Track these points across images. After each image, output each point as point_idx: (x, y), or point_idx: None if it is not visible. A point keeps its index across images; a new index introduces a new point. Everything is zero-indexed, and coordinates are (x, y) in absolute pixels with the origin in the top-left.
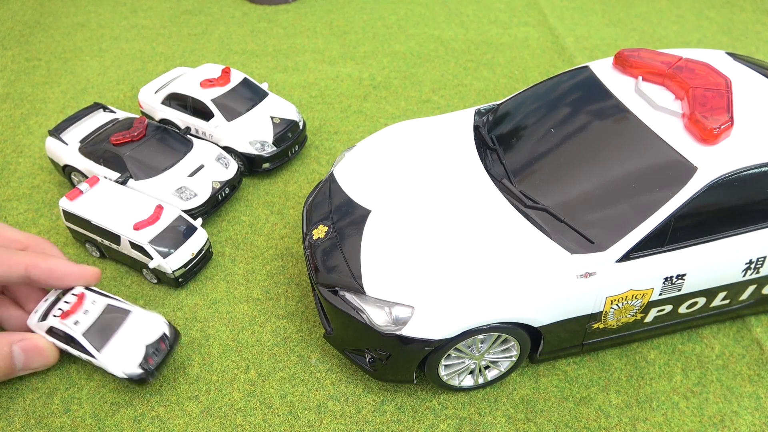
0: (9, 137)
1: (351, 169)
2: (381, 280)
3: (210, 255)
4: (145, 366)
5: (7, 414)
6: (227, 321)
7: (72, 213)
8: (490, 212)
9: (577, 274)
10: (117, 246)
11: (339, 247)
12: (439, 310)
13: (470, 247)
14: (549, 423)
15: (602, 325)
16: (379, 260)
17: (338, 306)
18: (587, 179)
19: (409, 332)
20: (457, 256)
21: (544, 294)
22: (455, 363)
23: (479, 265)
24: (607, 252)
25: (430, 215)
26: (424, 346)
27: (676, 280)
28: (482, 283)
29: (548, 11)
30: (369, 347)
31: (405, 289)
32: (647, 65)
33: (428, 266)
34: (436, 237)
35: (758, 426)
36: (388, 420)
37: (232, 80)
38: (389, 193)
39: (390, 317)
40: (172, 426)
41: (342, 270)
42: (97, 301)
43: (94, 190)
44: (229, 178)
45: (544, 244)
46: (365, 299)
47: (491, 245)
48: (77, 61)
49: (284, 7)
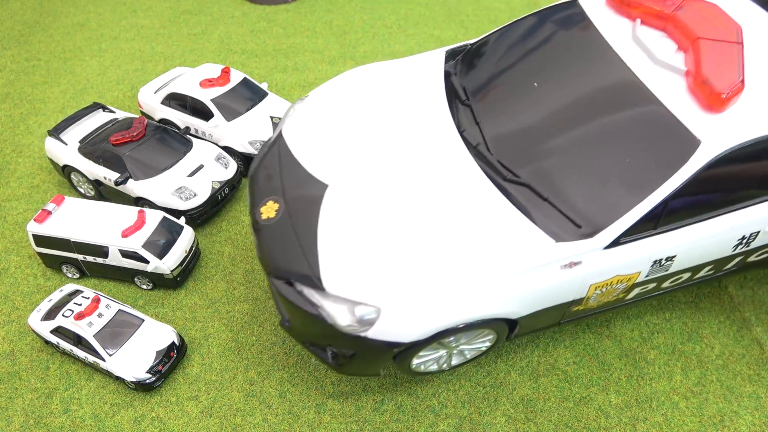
0: (8, 137)
1: (303, 128)
2: (342, 273)
3: (199, 252)
4: (154, 372)
5: (6, 414)
6: (227, 321)
7: (44, 236)
8: (465, 189)
9: (561, 264)
10: (104, 259)
11: (293, 230)
12: (409, 310)
13: (443, 234)
14: (549, 423)
15: (583, 308)
16: (339, 248)
17: (295, 302)
18: (575, 150)
19: (375, 335)
20: (429, 246)
21: (524, 288)
22: (428, 354)
23: (453, 257)
24: (595, 239)
25: (396, 192)
26: (392, 348)
27: (665, 262)
28: (457, 278)
29: None
30: (330, 345)
31: (370, 285)
32: (646, 5)
33: (395, 258)
34: (404, 220)
35: (758, 426)
36: (388, 419)
37: (232, 80)
38: (347, 161)
39: (353, 317)
40: (172, 426)
41: (297, 259)
42: (110, 306)
43: (63, 209)
44: (229, 178)
45: (527, 230)
46: (325, 296)
47: (467, 232)
48: (77, 61)
49: (284, 7)
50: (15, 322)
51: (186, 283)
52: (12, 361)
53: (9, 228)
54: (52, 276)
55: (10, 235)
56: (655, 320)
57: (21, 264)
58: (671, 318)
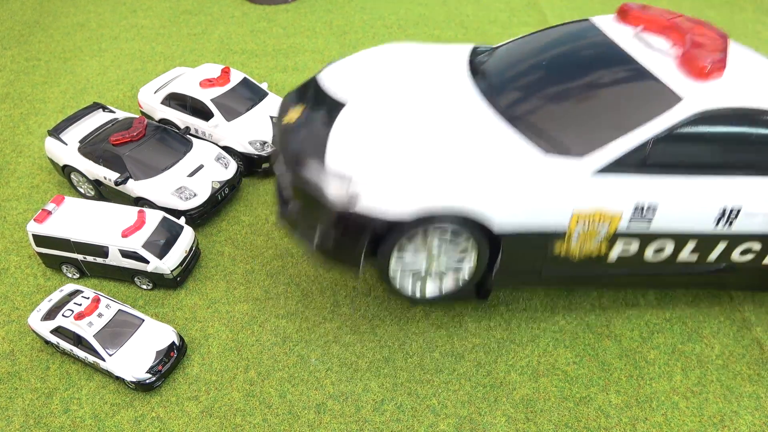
0: (8, 137)
1: (333, 72)
2: (344, 157)
3: (199, 252)
4: (154, 372)
5: (6, 414)
6: (227, 321)
7: (44, 236)
8: (468, 112)
9: (547, 177)
10: (104, 259)
11: (311, 128)
12: (399, 187)
13: (440, 136)
14: (549, 423)
15: (564, 251)
16: (346, 141)
17: (298, 179)
18: (572, 95)
19: (364, 207)
20: (427, 141)
21: (510, 189)
22: (408, 261)
23: (447, 150)
24: (583, 160)
25: (404, 110)
26: (377, 224)
27: (647, 212)
28: (448, 165)
29: (548, 11)
30: (322, 223)
31: (366, 166)
32: (649, 18)
33: (393, 149)
34: (408, 126)
35: (758, 426)
36: (388, 419)
37: (232, 80)
38: (368, 91)
39: (347, 191)
40: (172, 426)
41: (309, 147)
42: (110, 306)
43: (63, 209)
44: (229, 178)
45: (518, 142)
46: (325, 173)
47: (462, 136)
48: (77, 61)
49: (284, 7)
50: (15, 322)
51: (186, 283)
52: (12, 361)
53: (9, 228)
54: (52, 276)
55: (10, 235)
56: (655, 320)
57: (21, 264)
58: (671, 318)
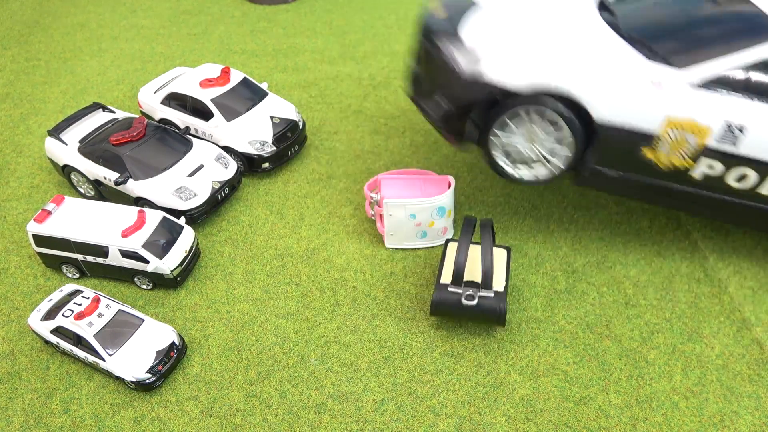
0: (8, 137)
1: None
2: (473, 34)
3: (199, 252)
4: (154, 372)
5: (6, 414)
6: (227, 321)
7: (44, 236)
8: (585, 21)
9: (648, 80)
10: (104, 260)
11: (448, 11)
12: (520, 63)
13: (560, 34)
14: (549, 423)
15: (653, 156)
16: (477, 25)
17: (429, 48)
18: (682, 16)
19: (487, 77)
20: (548, 35)
21: (615, 85)
22: (508, 142)
23: (565, 45)
24: (683, 70)
25: (532, 12)
26: (495, 91)
27: (735, 131)
28: (564, 55)
29: None
30: (443, 88)
31: (494, 43)
32: None
33: (519, 35)
34: (533, 23)
35: (758, 426)
36: (388, 420)
37: (232, 80)
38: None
39: (475, 61)
40: (172, 426)
41: (445, 23)
42: (110, 306)
43: (63, 209)
44: (229, 178)
45: (625, 48)
46: (457, 44)
47: (578, 38)
48: (77, 61)
49: (284, 7)
50: (15, 322)
51: (186, 283)
52: (12, 361)
53: (9, 228)
54: (52, 276)
55: (10, 235)
56: (655, 320)
57: (21, 264)
58: (671, 318)
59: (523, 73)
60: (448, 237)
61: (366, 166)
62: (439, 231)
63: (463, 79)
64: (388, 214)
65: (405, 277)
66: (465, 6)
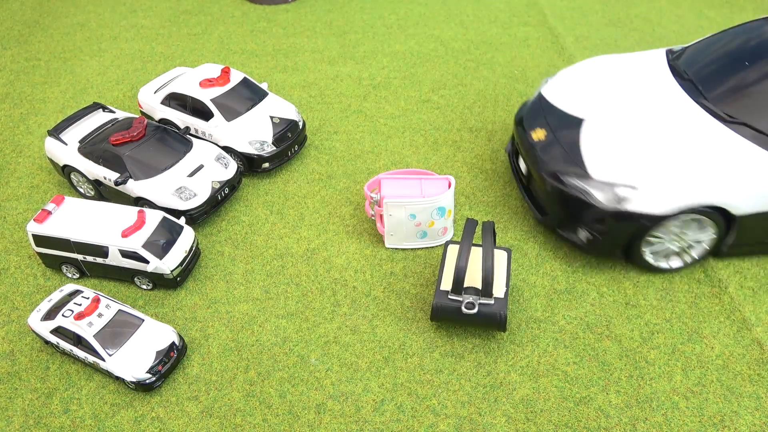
0: (8, 137)
1: (557, 91)
2: (603, 166)
3: (199, 252)
4: (154, 372)
5: (6, 414)
6: (227, 321)
7: (44, 236)
8: (695, 123)
9: None
10: (104, 260)
11: (560, 144)
12: (659, 190)
13: (683, 143)
14: (549, 423)
15: None
16: (599, 153)
17: (562, 188)
18: None
19: (631, 208)
20: (673, 148)
21: (748, 184)
22: (657, 244)
23: (695, 155)
24: None
25: (640, 123)
26: (641, 221)
27: None
28: (695, 168)
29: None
30: (586, 225)
31: (627, 172)
32: None
33: (646, 156)
34: (650, 138)
35: (758, 426)
36: (388, 420)
37: (232, 80)
38: (598, 106)
39: (613, 196)
40: (172, 426)
41: (565, 160)
42: (110, 306)
43: (63, 209)
44: (229, 178)
45: (749, 146)
46: (589, 181)
47: (702, 142)
48: (77, 61)
49: (284, 7)
50: (15, 322)
51: (186, 283)
52: (12, 361)
53: (9, 228)
54: (52, 276)
55: (10, 235)
56: (655, 320)
57: (21, 264)
58: (671, 318)
59: (671, 201)
60: (449, 237)
61: (366, 166)
62: (439, 231)
63: (610, 214)
64: (388, 214)
65: (405, 277)
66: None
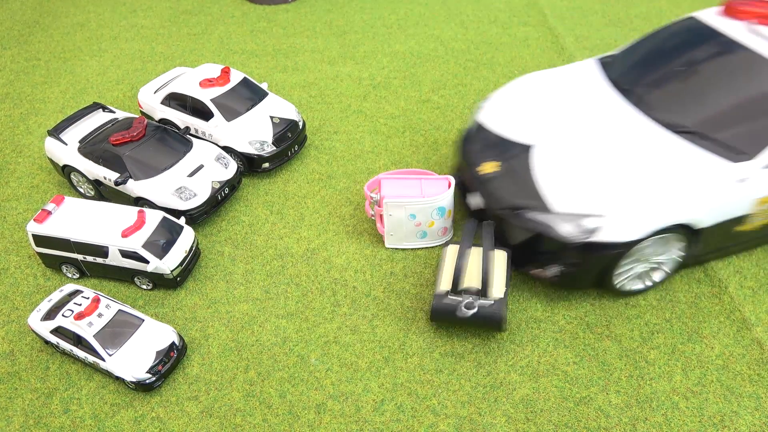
0: (8, 137)
1: (495, 116)
2: (565, 196)
3: (199, 252)
4: (154, 372)
5: (6, 414)
6: (227, 321)
7: (44, 236)
8: (647, 137)
9: (735, 180)
10: (104, 259)
11: (513, 176)
12: (628, 216)
13: (642, 163)
14: (549, 423)
15: (743, 228)
16: (556, 182)
17: (524, 225)
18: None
19: (600, 238)
20: (633, 171)
21: (709, 198)
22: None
23: (654, 176)
24: (757, 159)
25: (591, 144)
26: (612, 251)
27: None
28: (660, 190)
29: (548, 11)
30: (555, 260)
31: (592, 201)
32: (758, 13)
33: (607, 181)
34: (605, 159)
35: (758, 426)
36: (388, 420)
37: (232, 80)
38: (544, 129)
39: (579, 228)
40: (171, 426)
41: (522, 194)
42: (110, 306)
43: (63, 209)
44: (229, 178)
45: (708, 158)
46: (552, 215)
47: (660, 160)
48: (77, 61)
49: (284, 7)
50: (15, 322)
51: (186, 283)
52: (12, 361)
53: (9, 228)
54: (52, 276)
55: (10, 235)
56: (655, 320)
57: (21, 264)
58: (671, 318)
59: (641, 225)
60: (448, 237)
61: (366, 166)
62: (439, 231)
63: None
64: (389, 214)
65: (405, 277)
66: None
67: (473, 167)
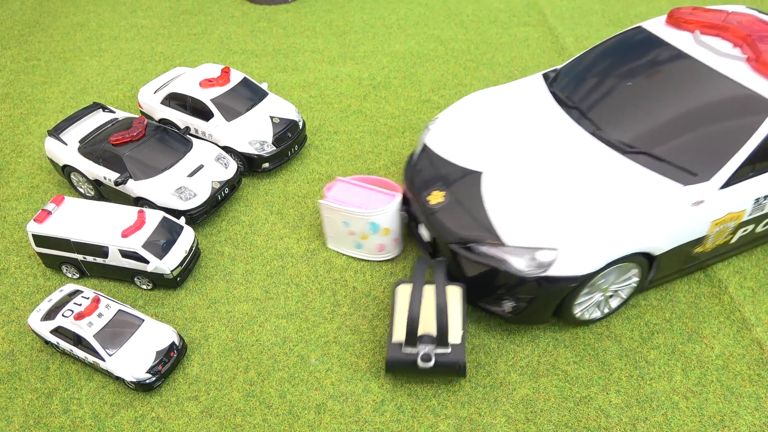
0: (8, 137)
1: (443, 139)
2: (517, 229)
3: (199, 252)
4: (154, 372)
5: (6, 414)
6: (227, 321)
7: (44, 236)
8: (598, 161)
9: (690, 203)
10: (104, 259)
11: (462, 207)
12: (582, 248)
13: (595, 191)
14: (549, 423)
15: (701, 249)
16: (508, 213)
17: (476, 259)
18: (676, 122)
19: (555, 272)
20: (585, 198)
21: (666, 224)
22: (585, 300)
23: (609, 205)
24: (711, 181)
25: (542, 169)
26: (569, 284)
27: (763, 200)
28: (615, 220)
29: (548, 11)
30: (509, 295)
31: (545, 233)
32: (701, 21)
33: (560, 211)
34: (556, 187)
35: (758, 426)
36: (388, 420)
37: (232, 80)
38: (492, 154)
39: (533, 262)
40: (171, 426)
41: (473, 226)
42: (110, 306)
43: (63, 209)
44: (229, 178)
45: (660, 182)
46: (505, 249)
47: (613, 186)
48: (77, 61)
49: (284, 7)
50: (15, 322)
51: (186, 283)
52: (12, 361)
53: (9, 228)
54: (52, 276)
55: (10, 235)
56: (655, 320)
57: (21, 264)
58: (671, 318)
59: (597, 257)
60: (387, 256)
61: (366, 166)
62: (374, 247)
63: (534, 281)
64: (325, 215)
65: (405, 277)
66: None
67: (421, 196)
